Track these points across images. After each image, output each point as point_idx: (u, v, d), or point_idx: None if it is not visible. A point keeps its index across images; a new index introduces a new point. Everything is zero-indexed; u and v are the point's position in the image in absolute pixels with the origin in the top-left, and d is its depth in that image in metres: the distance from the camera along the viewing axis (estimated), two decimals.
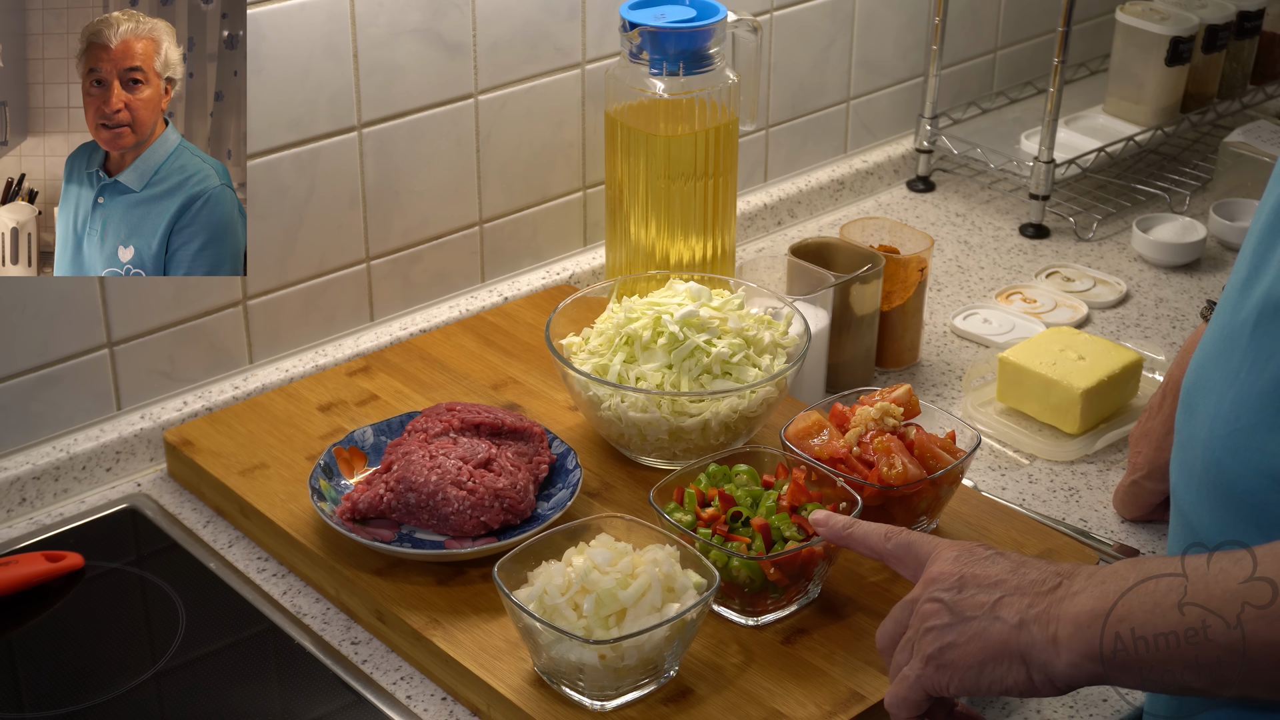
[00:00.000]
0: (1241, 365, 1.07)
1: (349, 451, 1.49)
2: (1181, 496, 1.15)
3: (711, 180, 1.70)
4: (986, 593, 1.09)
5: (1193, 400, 1.13)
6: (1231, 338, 1.09)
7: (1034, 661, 1.06)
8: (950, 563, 1.13)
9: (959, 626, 1.09)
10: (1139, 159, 2.23)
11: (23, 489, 1.51)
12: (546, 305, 1.76)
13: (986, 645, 1.08)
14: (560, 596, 1.23)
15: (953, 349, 1.82)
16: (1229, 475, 1.07)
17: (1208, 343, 1.13)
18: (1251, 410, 1.06)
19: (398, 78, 1.65)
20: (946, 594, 1.11)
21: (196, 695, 1.32)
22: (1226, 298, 1.13)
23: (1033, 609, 1.06)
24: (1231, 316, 1.10)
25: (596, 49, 1.80)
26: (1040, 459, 1.63)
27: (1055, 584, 1.07)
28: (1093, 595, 1.04)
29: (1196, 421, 1.12)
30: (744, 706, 1.26)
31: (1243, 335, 1.08)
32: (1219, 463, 1.08)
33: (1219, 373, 1.10)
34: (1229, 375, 1.08)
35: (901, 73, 2.17)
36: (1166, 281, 1.97)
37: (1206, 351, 1.13)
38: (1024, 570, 1.10)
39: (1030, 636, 1.06)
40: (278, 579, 1.44)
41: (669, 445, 1.49)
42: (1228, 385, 1.08)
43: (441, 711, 1.30)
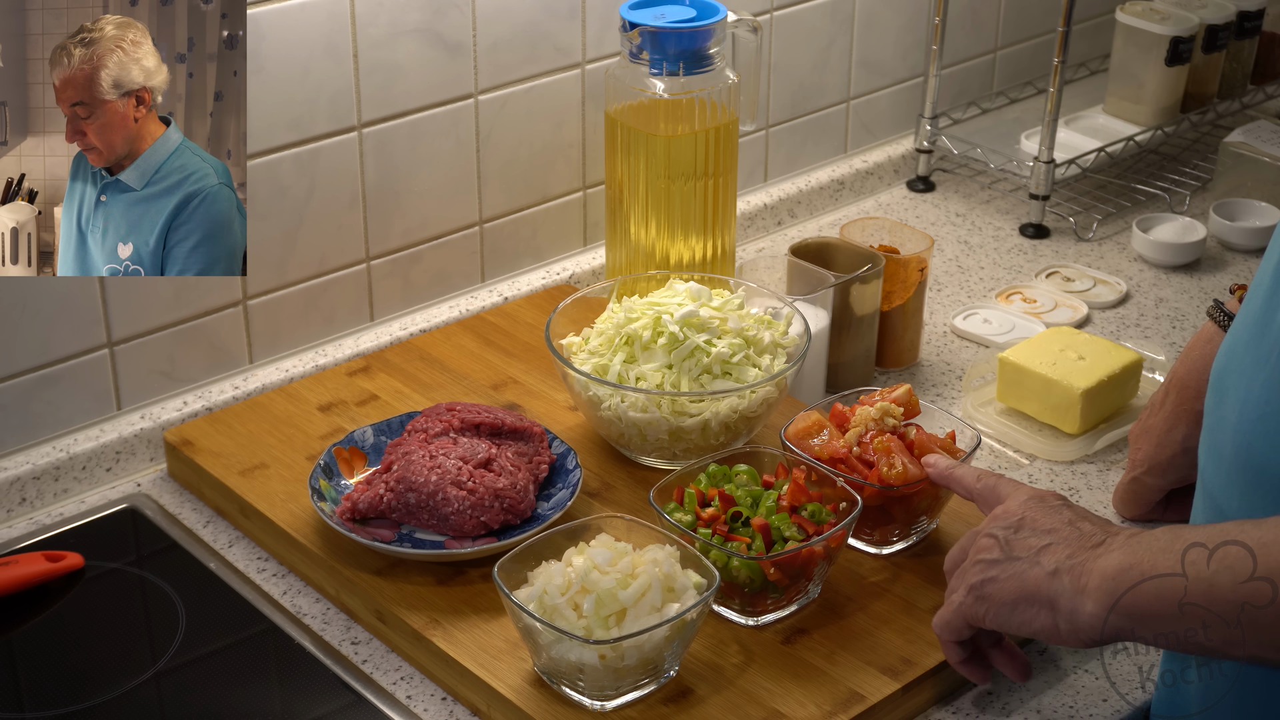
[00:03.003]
0: (1273, 349, 1.08)
1: (349, 451, 1.49)
2: (1210, 480, 1.16)
3: (711, 180, 1.70)
4: (1038, 537, 1.17)
5: (1223, 384, 1.14)
6: (1263, 322, 1.10)
7: (1061, 609, 1.12)
8: (1018, 504, 1.21)
9: (1004, 564, 1.17)
10: (1139, 159, 2.23)
11: (23, 489, 1.51)
12: (546, 305, 1.76)
13: (1022, 586, 1.15)
14: (560, 596, 1.23)
15: (953, 349, 1.82)
16: (1260, 459, 1.08)
17: (1239, 327, 1.14)
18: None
19: (398, 78, 1.65)
20: (1003, 531, 1.19)
21: (196, 695, 1.32)
22: (1258, 282, 1.13)
23: (1071, 560, 1.13)
24: (1264, 300, 1.11)
25: (596, 49, 1.80)
26: (1040, 459, 1.63)
27: (1099, 540, 1.13)
28: (1126, 552, 1.09)
29: (1227, 405, 1.12)
30: (744, 706, 1.26)
31: (1275, 318, 1.08)
32: (1250, 446, 1.09)
33: (1250, 357, 1.10)
34: (1260, 359, 1.09)
35: (901, 73, 2.17)
36: (1166, 281, 1.97)
37: (1238, 336, 1.14)
38: (1080, 524, 1.16)
39: (1061, 585, 1.12)
40: (278, 579, 1.44)
41: (669, 445, 1.49)
42: (1259, 369, 1.09)
43: (441, 711, 1.30)
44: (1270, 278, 1.11)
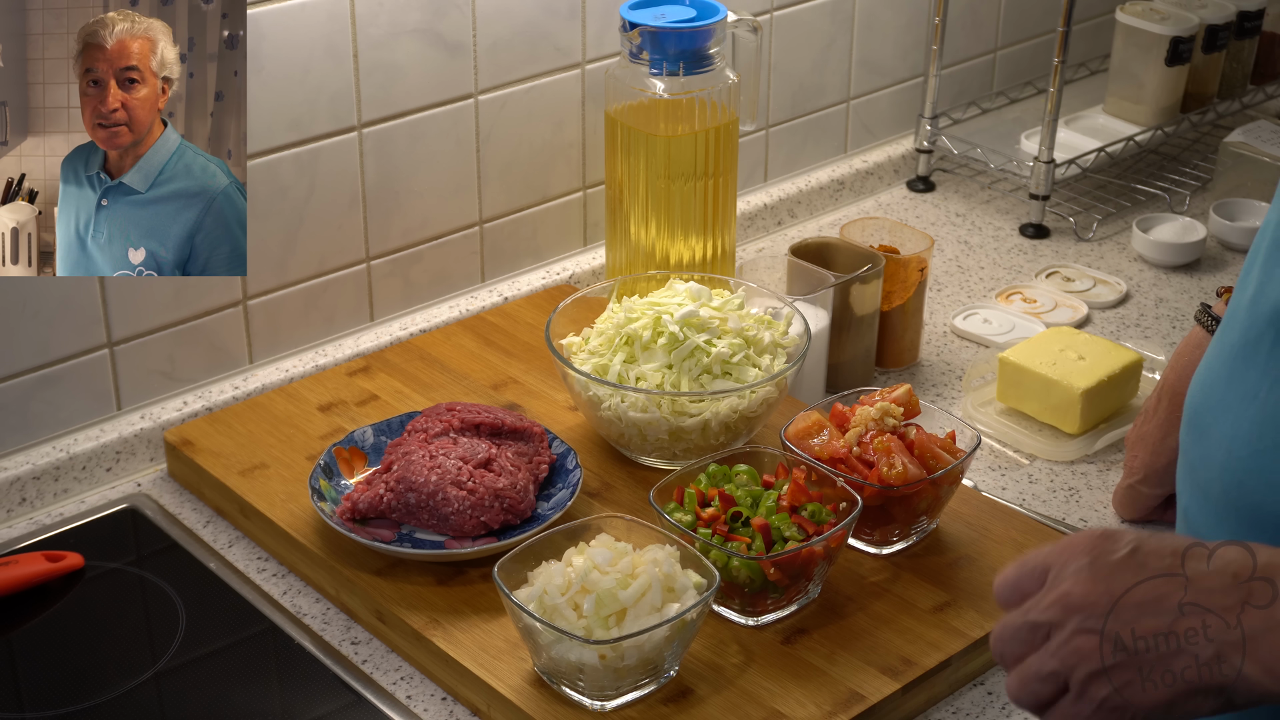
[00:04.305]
0: (1260, 383, 1.04)
1: (349, 451, 1.49)
2: (1195, 518, 1.11)
3: (711, 180, 1.70)
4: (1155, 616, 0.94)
5: (1203, 421, 1.09)
6: (1245, 355, 1.06)
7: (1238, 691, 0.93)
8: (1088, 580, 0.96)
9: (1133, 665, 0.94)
10: (1139, 159, 2.23)
11: (23, 489, 1.51)
12: (546, 305, 1.76)
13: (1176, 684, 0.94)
14: (560, 596, 1.23)
15: (953, 349, 1.82)
16: (1253, 498, 1.04)
17: (1215, 361, 1.10)
18: (1275, 429, 1.03)
19: (398, 78, 1.65)
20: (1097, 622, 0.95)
21: (196, 695, 1.32)
22: (1233, 314, 1.09)
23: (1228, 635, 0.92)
24: (1242, 333, 1.07)
25: (596, 49, 1.80)
26: (1040, 459, 1.63)
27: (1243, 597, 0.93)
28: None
29: (1211, 443, 1.08)
30: (744, 706, 1.25)
31: (1259, 352, 1.05)
32: (1241, 485, 1.05)
33: (1234, 392, 1.06)
34: (1246, 394, 1.05)
35: (901, 73, 2.17)
36: (1166, 281, 1.97)
37: (1215, 371, 1.09)
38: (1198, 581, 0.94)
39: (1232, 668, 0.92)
40: (278, 579, 1.44)
41: (669, 445, 1.49)
42: (1245, 404, 1.05)
43: (441, 711, 1.30)
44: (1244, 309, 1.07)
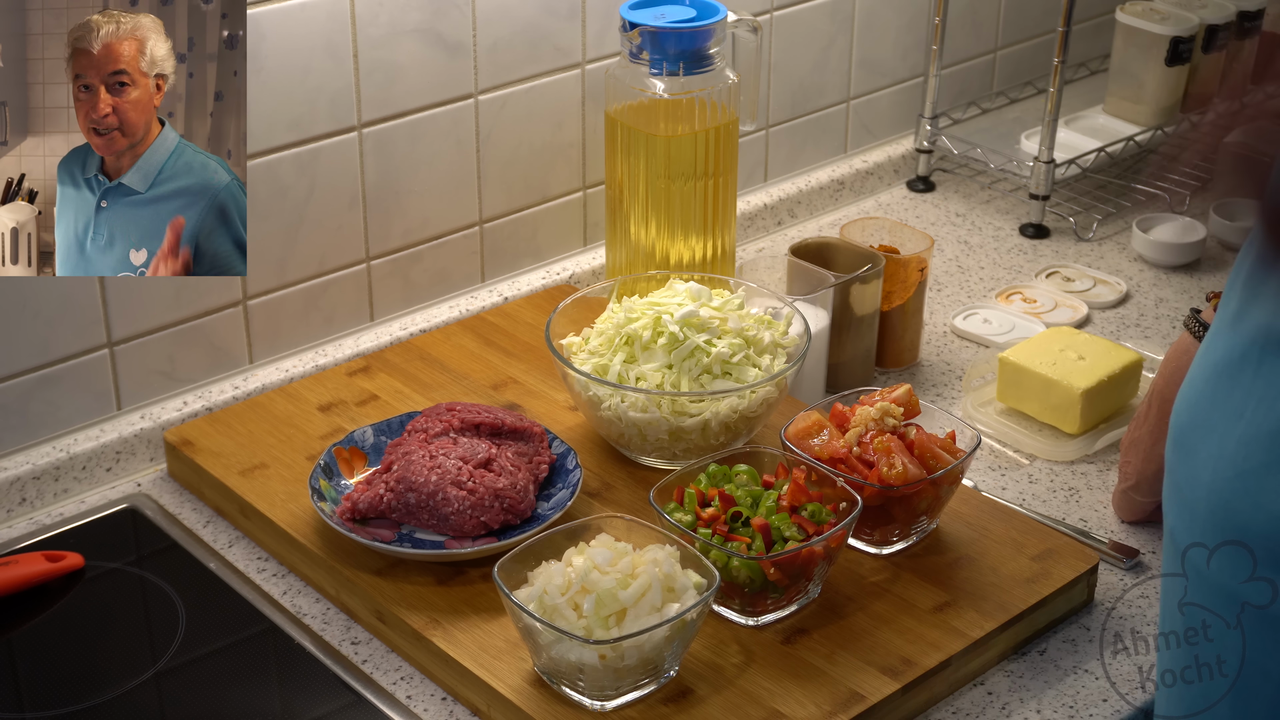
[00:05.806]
0: (1246, 402, 1.04)
1: (349, 451, 1.49)
2: (1181, 537, 1.11)
3: (711, 180, 1.70)
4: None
5: (1188, 440, 1.09)
6: (1230, 374, 1.06)
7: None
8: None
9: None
10: (1139, 159, 2.23)
11: (23, 489, 1.51)
12: (546, 305, 1.76)
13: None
14: (560, 596, 1.23)
15: (953, 349, 1.82)
16: (1240, 518, 1.04)
17: (1199, 380, 1.09)
18: (1262, 449, 1.02)
19: (398, 78, 1.65)
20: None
21: (196, 695, 1.32)
22: (1216, 331, 1.09)
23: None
24: (1226, 352, 1.06)
25: (596, 49, 1.80)
26: (1040, 459, 1.63)
27: None
28: None
29: (1197, 463, 1.07)
30: (744, 706, 1.25)
31: (1244, 371, 1.04)
32: (1228, 505, 1.05)
33: (1219, 412, 1.06)
34: (1231, 414, 1.04)
35: (901, 73, 2.17)
36: (1166, 281, 1.97)
37: (1199, 389, 1.09)
38: None
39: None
40: (278, 579, 1.44)
41: (669, 445, 1.49)
42: (1231, 424, 1.04)
43: (441, 711, 1.30)
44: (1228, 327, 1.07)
